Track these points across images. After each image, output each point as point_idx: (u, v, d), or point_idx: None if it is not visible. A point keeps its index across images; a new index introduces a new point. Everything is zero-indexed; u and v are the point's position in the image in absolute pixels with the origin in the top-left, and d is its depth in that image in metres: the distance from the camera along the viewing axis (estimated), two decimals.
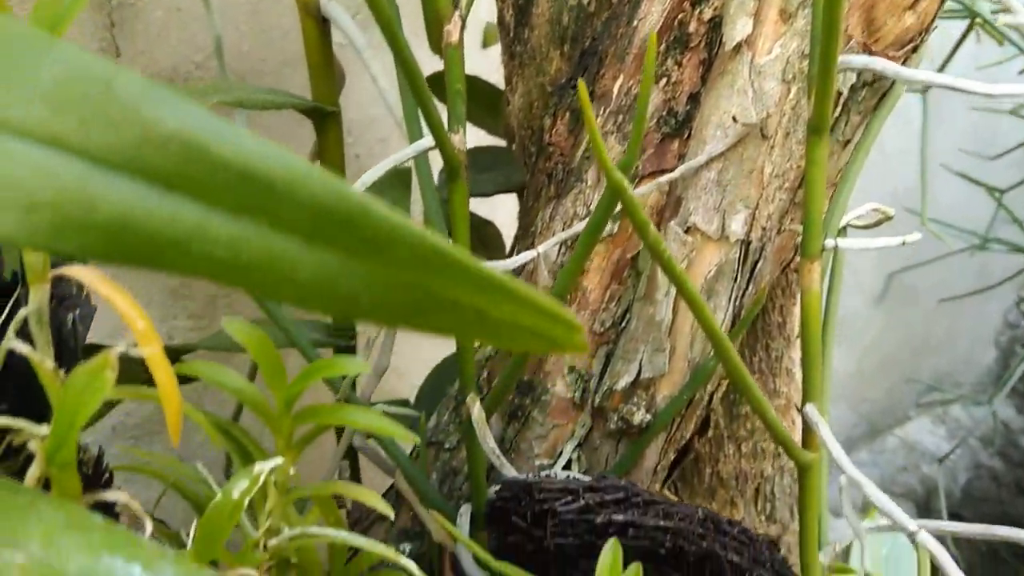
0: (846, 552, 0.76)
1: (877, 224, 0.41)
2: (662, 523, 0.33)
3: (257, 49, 0.64)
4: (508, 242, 0.52)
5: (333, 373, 0.26)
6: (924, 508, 1.22)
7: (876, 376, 1.24)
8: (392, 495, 0.45)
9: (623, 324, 0.39)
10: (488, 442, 0.37)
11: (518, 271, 0.40)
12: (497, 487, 0.36)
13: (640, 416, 0.39)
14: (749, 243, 0.38)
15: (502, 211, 0.58)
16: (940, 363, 1.31)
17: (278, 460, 0.24)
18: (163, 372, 0.21)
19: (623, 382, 0.39)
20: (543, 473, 0.38)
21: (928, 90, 0.93)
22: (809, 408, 0.33)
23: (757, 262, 0.39)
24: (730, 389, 0.47)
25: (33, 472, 0.19)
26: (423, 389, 0.55)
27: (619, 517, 0.33)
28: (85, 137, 0.16)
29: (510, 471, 0.36)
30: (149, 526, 0.19)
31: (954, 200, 1.17)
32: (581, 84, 0.25)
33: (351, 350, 0.50)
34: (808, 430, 0.33)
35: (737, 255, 0.37)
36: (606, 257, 0.39)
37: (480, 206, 0.53)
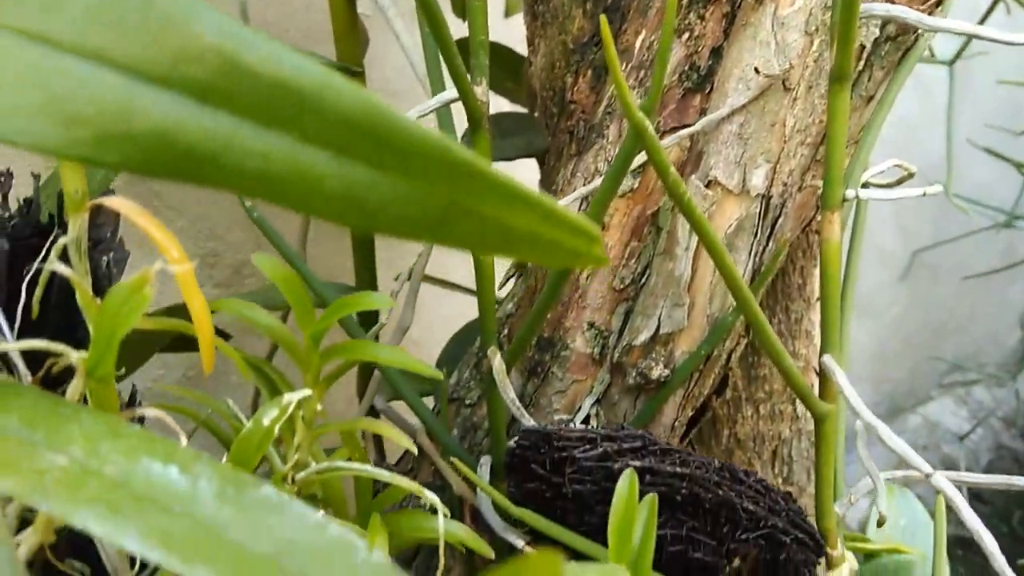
0: (863, 527, 0.76)
1: (899, 182, 0.41)
2: (679, 470, 0.34)
3: (281, 19, 0.64)
4: None
5: (360, 308, 0.26)
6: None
7: (898, 355, 1.23)
8: (409, 459, 0.46)
9: (643, 281, 0.40)
10: (508, 393, 0.37)
11: None
12: (517, 436, 0.37)
13: (658, 371, 0.39)
14: (770, 198, 0.38)
15: (523, 179, 0.59)
16: (963, 343, 1.30)
17: (307, 392, 0.25)
18: (195, 299, 0.22)
19: (642, 337, 0.39)
20: (562, 424, 0.39)
21: (955, 62, 0.92)
22: (827, 358, 0.33)
23: (778, 218, 0.39)
24: (748, 349, 0.47)
25: (74, 386, 0.20)
26: (443, 354, 0.56)
27: (636, 463, 0.33)
28: (126, 51, 0.16)
29: (529, 421, 0.37)
30: (184, 441, 0.20)
31: (980, 178, 1.16)
32: (604, 25, 0.25)
33: (374, 314, 0.51)
34: (825, 381, 0.34)
35: (757, 210, 0.38)
36: (626, 214, 0.40)
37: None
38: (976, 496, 1.22)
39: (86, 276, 0.22)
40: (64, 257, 0.23)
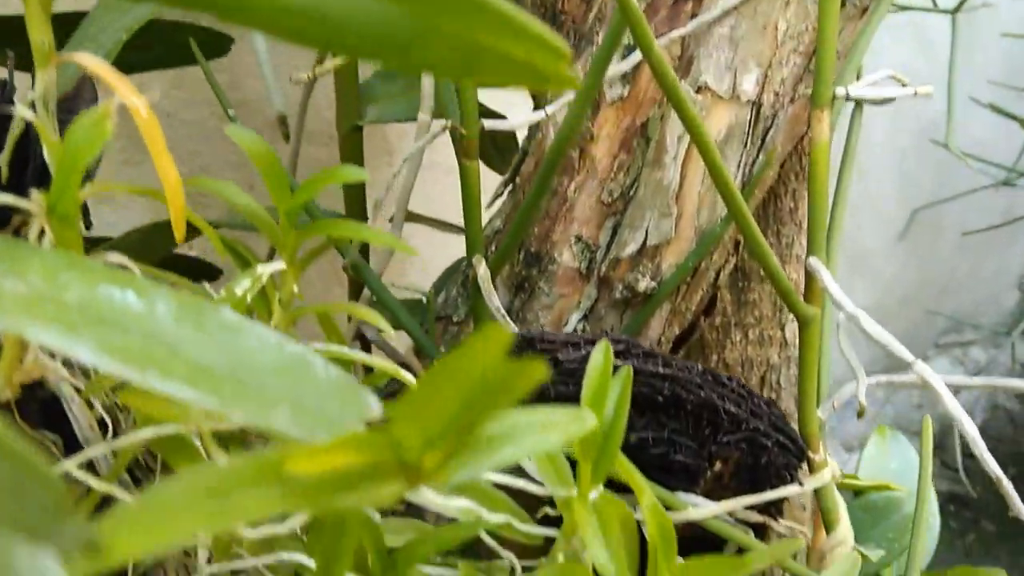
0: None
1: (891, 100, 0.40)
2: (661, 370, 0.33)
3: None
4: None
5: (338, 180, 0.26)
6: (938, 446, 1.22)
7: (896, 313, 1.23)
8: (395, 383, 0.46)
9: (631, 194, 0.39)
10: (493, 300, 0.37)
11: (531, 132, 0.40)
12: None
13: (645, 283, 0.39)
14: (760, 106, 0.37)
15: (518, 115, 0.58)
16: (961, 303, 1.30)
17: (280, 264, 0.25)
18: (163, 156, 0.21)
19: (629, 250, 0.39)
20: (545, 330, 0.39)
21: (958, 11, 0.90)
22: (812, 260, 0.33)
23: (768, 129, 0.38)
24: (739, 274, 0.47)
25: (34, 227, 0.19)
26: (435, 285, 0.56)
27: (619, 363, 0.33)
28: None
29: (513, 328, 0.37)
30: None
31: (981, 136, 1.15)
32: None
33: (365, 254, 0.51)
34: (810, 284, 0.33)
35: (748, 117, 0.37)
36: (616, 125, 0.39)
37: (491, 102, 0.52)
38: (970, 454, 1.22)
39: (53, 124, 0.21)
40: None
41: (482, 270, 0.37)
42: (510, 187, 0.43)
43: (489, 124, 0.35)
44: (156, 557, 0.26)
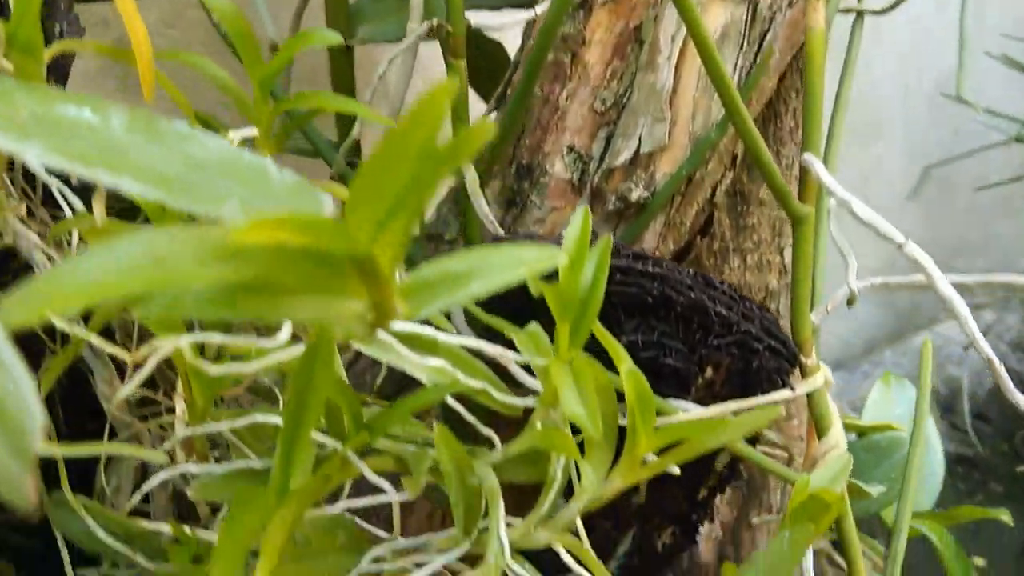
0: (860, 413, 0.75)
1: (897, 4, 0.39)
2: (651, 269, 0.33)
3: None
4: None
5: (314, 43, 0.25)
6: (948, 409, 1.21)
7: (906, 274, 1.21)
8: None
9: (624, 101, 0.39)
10: (481, 205, 0.37)
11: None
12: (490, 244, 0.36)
13: (638, 193, 0.38)
14: (756, 4, 0.36)
15: (511, 34, 0.57)
16: (974, 265, 1.28)
17: (252, 130, 0.24)
18: (137, 25, 0.21)
19: (622, 158, 0.38)
20: (532, 232, 0.38)
21: None
22: (808, 156, 0.32)
23: (766, 32, 0.37)
24: (738, 198, 0.46)
25: None
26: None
27: (611, 262, 0.33)
28: None
29: (501, 233, 0.36)
30: None
31: (995, 94, 1.13)
32: None
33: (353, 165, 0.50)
34: (805, 181, 0.33)
35: (744, 16, 0.36)
36: (608, 29, 0.38)
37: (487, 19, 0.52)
38: (979, 416, 1.21)
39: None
40: None
41: (470, 175, 0.37)
42: (503, 102, 0.43)
43: (476, 21, 0.34)
44: (134, 429, 0.26)
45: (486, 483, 0.23)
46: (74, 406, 0.27)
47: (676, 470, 0.26)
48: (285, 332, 0.20)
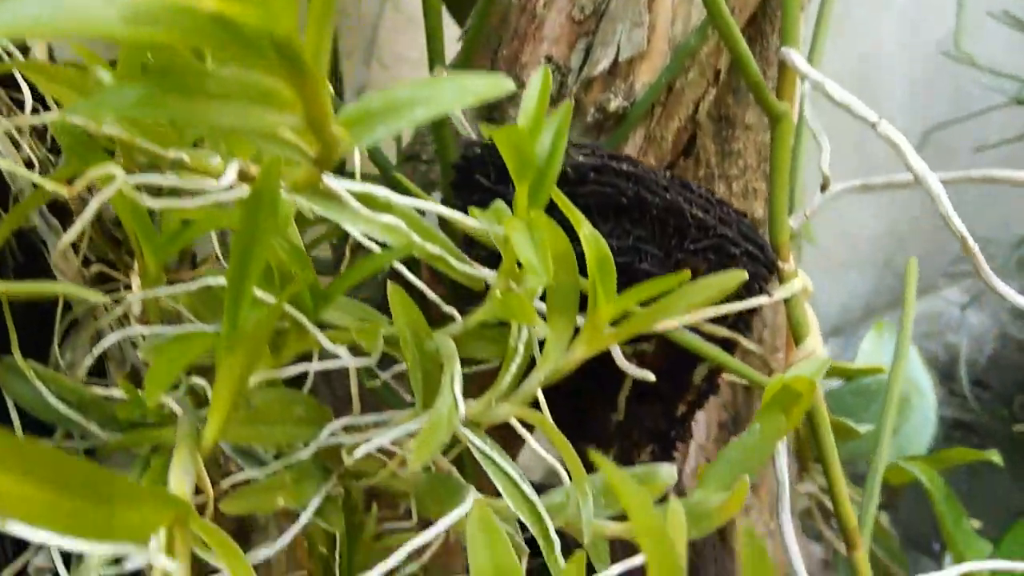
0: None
1: None
2: (626, 168, 0.32)
3: None
4: None
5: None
6: (947, 376, 1.20)
7: (906, 241, 1.21)
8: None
9: (603, 10, 0.38)
10: (455, 113, 0.36)
11: None
12: (461, 150, 0.35)
13: (617, 103, 0.38)
14: None
15: None
16: (975, 231, 1.27)
17: None
18: None
19: (600, 67, 0.38)
20: None
21: None
22: (786, 50, 0.31)
23: None
24: (723, 123, 0.45)
25: None
26: None
27: (583, 160, 0.32)
28: None
29: (474, 135, 0.36)
30: None
31: (997, 58, 1.11)
32: None
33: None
34: (784, 77, 0.32)
35: None
36: None
37: None
38: (977, 382, 1.20)
39: None
40: None
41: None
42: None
43: None
44: (90, 303, 0.25)
45: (444, 349, 0.22)
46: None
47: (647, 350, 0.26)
48: (231, 174, 0.19)
